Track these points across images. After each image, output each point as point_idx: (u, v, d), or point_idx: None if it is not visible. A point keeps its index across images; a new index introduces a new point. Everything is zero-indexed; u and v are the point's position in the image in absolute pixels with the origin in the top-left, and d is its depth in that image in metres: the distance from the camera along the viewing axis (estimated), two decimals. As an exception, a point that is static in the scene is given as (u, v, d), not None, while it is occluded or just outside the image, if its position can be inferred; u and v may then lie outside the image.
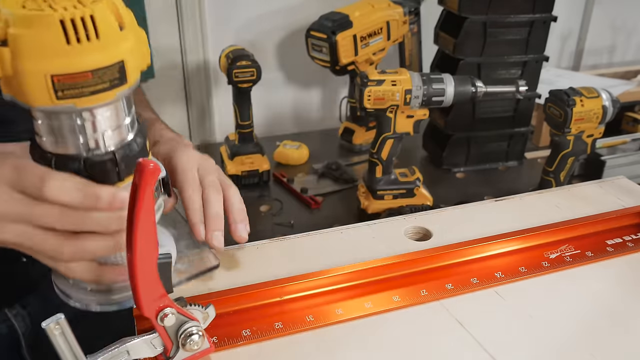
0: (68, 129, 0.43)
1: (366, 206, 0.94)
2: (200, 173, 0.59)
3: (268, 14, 1.32)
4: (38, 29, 0.37)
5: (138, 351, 0.44)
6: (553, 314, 0.54)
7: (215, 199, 0.57)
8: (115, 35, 0.40)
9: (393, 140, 0.89)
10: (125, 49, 0.41)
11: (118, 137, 0.45)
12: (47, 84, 0.38)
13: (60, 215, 0.44)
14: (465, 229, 0.66)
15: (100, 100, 0.41)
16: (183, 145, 0.64)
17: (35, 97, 0.39)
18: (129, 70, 0.42)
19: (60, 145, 0.43)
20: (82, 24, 0.38)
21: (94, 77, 0.39)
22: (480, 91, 0.86)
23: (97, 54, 0.39)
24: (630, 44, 1.74)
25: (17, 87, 0.39)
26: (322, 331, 0.51)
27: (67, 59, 0.38)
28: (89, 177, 0.44)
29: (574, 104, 0.85)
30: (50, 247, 0.45)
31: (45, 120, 0.43)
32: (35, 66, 0.38)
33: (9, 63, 0.38)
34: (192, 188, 0.57)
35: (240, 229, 0.59)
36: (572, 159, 0.90)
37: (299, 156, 1.18)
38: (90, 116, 0.42)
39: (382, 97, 0.84)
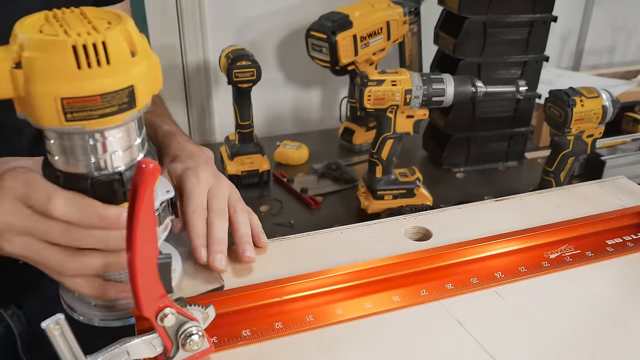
0: (77, 149, 0.44)
1: (366, 206, 0.94)
2: (210, 196, 0.60)
3: (268, 14, 1.32)
4: (50, 53, 0.39)
5: (138, 351, 0.44)
6: (553, 314, 0.54)
7: (218, 224, 0.58)
8: (126, 61, 0.41)
9: (393, 140, 0.89)
10: (136, 74, 0.42)
11: (128, 157, 0.46)
12: (57, 106, 0.40)
13: (65, 231, 0.45)
14: (465, 229, 0.66)
15: (109, 123, 0.42)
16: (202, 162, 0.65)
17: (46, 118, 0.40)
18: (139, 94, 0.43)
19: (71, 164, 0.45)
20: (93, 50, 0.39)
21: (102, 100, 0.40)
22: (480, 91, 0.86)
23: (106, 79, 0.40)
24: (630, 44, 1.74)
25: (29, 108, 0.41)
26: (322, 331, 0.51)
27: (77, 82, 0.39)
28: (95, 196, 0.45)
29: (574, 104, 0.85)
30: (54, 261, 0.46)
31: (57, 140, 0.44)
32: (46, 89, 0.39)
33: (22, 85, 0.40)
34: (196, 213, 0.58)
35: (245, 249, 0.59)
36: (572, 159, 0.90)
37: (299, 156, 1.18)
38: (100, 137, 0.44)
39: (382, 97, 0.84)
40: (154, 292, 0.42)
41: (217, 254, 0.56)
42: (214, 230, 0.58)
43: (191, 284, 0.56)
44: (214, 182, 0.62)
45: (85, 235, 0.46)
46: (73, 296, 0.52)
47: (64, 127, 0.41)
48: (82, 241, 0.46)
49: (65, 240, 0.46)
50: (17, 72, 0.39)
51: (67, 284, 0.48)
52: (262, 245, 0.63)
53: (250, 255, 0.59)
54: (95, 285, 0.49)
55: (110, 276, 0.50)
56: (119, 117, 0.42)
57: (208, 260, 0.56)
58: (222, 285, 0.56)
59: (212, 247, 0.57)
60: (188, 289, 0.55)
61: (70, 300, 0.52)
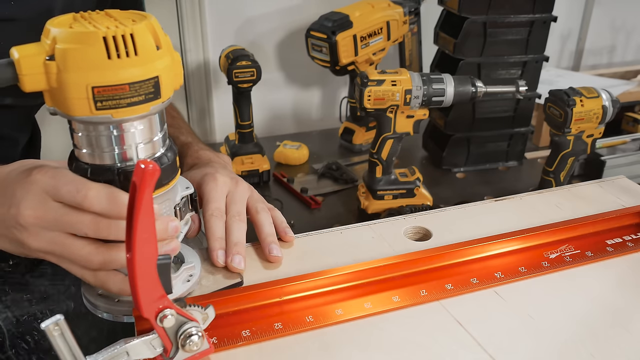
0: (105, 140, 0.46)
1: (366, 206, 0.94)
2: (228, 200, 0.62)
3: (268, 14, 1.32)
4: (83, 44, 0.41)
5: (138, 352, 0.44)
6: (553, 314, 0.54)
7: (237, 227, 0.60)
8: (152, 53, 0.44)
9: (393, 140, 0.89)
10: (161, 67, 0.44)
11: (150, 150, 0.48)
12: (88, 95, 0.42)
13: (93, 223, 0.46)
14: (465, 229, 0.66)
15: (136, 112, 0.44)
16: (219, 168, 0.66)
17: (77, 108, 0.43)
18: (163, 86, 0.45)
19: (97, 156, 0.47)
20: (122, 41, 0.42)
21: (130, 89, 0.43)
22: (480, 91, 0.86)
23: (134, 69, 0.43)
24: (630, 44, 1.74)
25: (60, 99, 0.43)
26: (322, 331, 0.51)
27: (107, 72, 0.42)
28: (121, 187, 0.46)
29: (574, 104, 0.85)
30: (81, 255, 0.47)
31: (84, 132, 0.46)
32: (78, 78, 0.42)
33: (55, 76, 0.42)
34: (214, 216, 0.60)
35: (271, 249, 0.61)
36: (572, 159, 0.90)
37: (299, 156, 1.18)
38: (126, 128, 0.46)
39: (382, 97, 0.84)
40: (153, 293, 0.42)
41: (235, 256, 0.58)
42: (232, 233, 0.59)
43: (212, 279, 0.57)
44: (232, 185, 0.64)
45: (113, 226, 0.46)
46: (96, 293, 0.53)
47: (93, 116, 0.43)
48: (110, 232, 0.46)
49: (94, 232, 0.46)
50: (51, 63, 0.42)
51: (91, 279, 0.49)
52: (288, 239, 0.64)
53: (277, 254, 0.60)
54: (119, 280, 0.49)
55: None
56: (145, 107, 0.44)
57: (226, 262, 0.58)
58: (241, 280, 0.57)
59: (230, 249, 0.58)
60: (209, 284, 0.56)
61: (93, 297, 0.53)
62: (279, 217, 0.66)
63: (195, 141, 0.80)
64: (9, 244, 0.49)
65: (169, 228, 0.48)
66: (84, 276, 0.49)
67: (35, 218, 0.46)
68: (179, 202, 0.52)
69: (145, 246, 0.39)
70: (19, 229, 0.47)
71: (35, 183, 0.47)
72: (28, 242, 0.47)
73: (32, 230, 0.47)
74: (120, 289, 0.49)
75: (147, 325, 0.44)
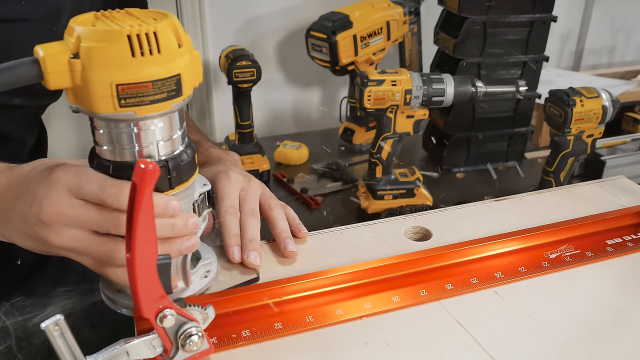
0: (126, 138, 0.46)
1: (366, 206, 0.94)
2: (241, 197, 0.63)
3: (268, 14, 1.32)
4: (107, 42, 0.42)
5: (138, 352, 0.44)
6: (553, 314, 0.54)
7: (251, 224, 0.61)
8: (174, 51, 0.44)
9: (393, 140, 0.89)
10: (182, 64, 0.45)
11: (170, 147, 0.49)
12: (112, 92, 0.42)
13: (115, 220, 0.46)
14: (465, 229, 0.66)
15: (158, 109, 0.45)
16: (231, 165, 0.67)
17: (100, 105, 0.43)
18: (184, 84, 0.46)
19: (118, 153, 0.47)
20: (146, 39, 0.42)
21: (153, 87, 0.43)
22: (480, 91, 0.86)
23: (157, 67, 0.43)
24: (630, 44, 1.74)
25: (84, 96, 0.43)
26: (322, 331, 0.51)
27: (131, 69, 0.42)
28: None
29: (574, 104, 0.85)
30: (104, 251, 0.47)
31: (106, 130, 0.46)
32: (102, 75, 0.42)
33: (80, 74, 0.42)
34: (228, 213, 0.61)
35: (286, 244, 0.62)
36: (572, 159, 0.90)
37: (299, 156, 1.18)
38: (148, 125, 0.46)
39: (382, 97, 0.84)
40: (153, 293, 0.42)
41: (251, 252, 0.59)
42: (247, 230, 0.60)
43: (228, 275, 0.58)
44: (245, 183, 0.65)
45: None
46: (114, 289, 0.53)
47: (117, 113, 0.43)
48: None
49: (115, 229, 0.47)
50: (75, 61, 0.42)
51: (112, 276, 0.49)
52: (302, 235, 0.65)
53: (292, 249, 0.62)
54: None
55: None
56: (167, 104, 0.45)
57: (242, 258, 0.59)
58: (257, 276, 0.58)
59: (246, 246, 0.59)
60: (226, 280, 0.57)
61: (111, 293, 0.53)
62: (291, 213, 0.67)
63: (204, 139, 0.80)
64: (30, 241, 0.49)
65: (189, 224, 0.49)
66: (105, 273, 0.49)
67: (58, 215, 0.46)
68: (197, 198, 0.52)
69: (145, 246, 0.39)
70: (41, 227, 0.47)
71: (57, 181, 0.47)
72: (50, 239, 0.47)
73: (54, 227, 0.47)
74: None
75: (147, 325, 0.44)
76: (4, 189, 0.50)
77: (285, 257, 0.62)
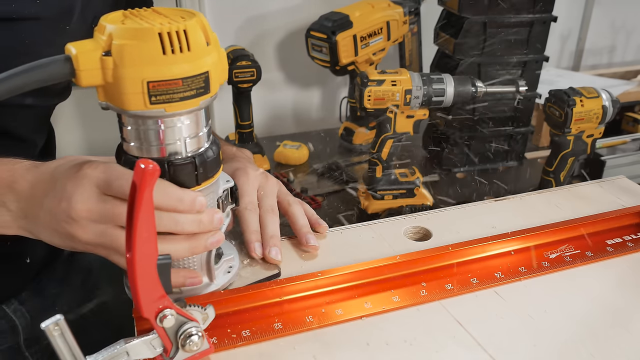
0: (155, 134, 0.47)
1: (366, 206, 0.94)
2: (260, 194, 0.64)
3: (268, 14, 1.32)
4: (139, 40, 0.42)
5: (137, 352, 0.44)
6: (553, 314, 0.54)
7: (271, 220, 0.62)
8: (202, 49, 0.45)
9: (393, 140, 0.89)
10: (210, 62, 0.46)
11: (197, 144, 0.49)
12: (143, 90, 0.43)
13: None
14: (465, 229, 0.66)
15: (187, 106, 0.45)
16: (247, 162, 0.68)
17: (131, 102, 0.44)
18: (212, 81, 0.46)
19: (148, 149, 0.48)
20: (176, 37, 0.43)
21: (183, 84, 0.44)
22: (480, 91, 0.86)
23: (187, 64, 0.44)
24: (630, 44, 1.74)
25: (115, 93, 0.44)
26: (322, 331, 0.51)
27: (161, 67, 0.43)
28: (170, 180, 0.48)
29: (574, 104, 0.85)
30: None
31: (134, 126, 0.47)
32: (134, 73, 0.43)
33: (111, 71, 0.43)
34: (248, 210, 0.62)
35: (308, 239, 0.63)
36: (572, 159, 0.90)
37: (299, 156, 1.18)
38: (177, 122, 0.47)
39: (382, 97, 0.84)
40: (153, 293, 0.42)
41: (272, 248, 0.60)
42: (267, 226, 0.61)
43: (250, 270, 0.59)
44: (263, 180, 0.65)
45: (164, 218, 0.47)
46: None
47: (147, 110, 0.44)
48: (159, 224, 0.47)
49: None
50: (107, 59, 0.43)
51: None
52: (322, 229, 0.66)
53: (314, 243, 0.62)
54: None
55: (177, 263, 0.52)
56: (195, 101, 0.45)
57: (264, 254, 0.60)
58: (279, 272, 0.59)
59: (267, 242, 0.60)
60: (248, 275, 0.58)
61: None
62: (309, 209, 0.68)
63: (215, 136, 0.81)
64: (58, 237, 0.50)
65: (214, 220, 0.50)
66: None
67: (87, 211, 0.47)
68: (221, 194, 0.53)
69: (145, 246, 0.39)
70: (70, 223, 0.47)
71: (86, 177, 0.47)
72: (78, 235, 0.48)
73: (82, 223, 0.47)
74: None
75: (147, 325, 0.44)
76: (31, 186, 0.51)
77: (307, 251, 0.63)
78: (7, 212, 0.51)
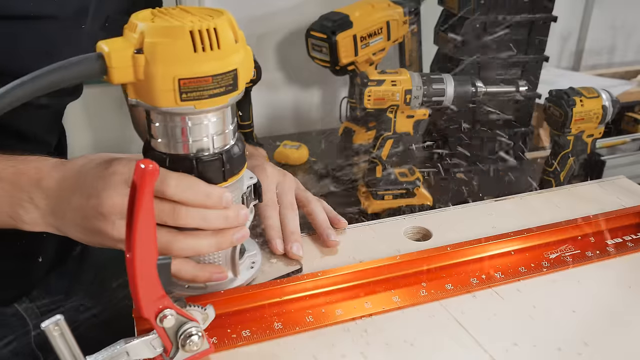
0: (184, 131, 0.47)
1: (366, 206, 0.94)
2: (278, 192, 0.65)
3: (268, 14, 1.32)
4: (171, 38, 0.43)
5: (138, 352, 0.44)
6: (553, 314, 0.54)
7: (291, 217, 0.63)
8: (231, 47, 0.46)
9: (393, 140, 0.89)
10: (238, 60, 0.46)
11: (223, 140, 0.50)
12: (175, 87, 0.44)
13: (173, 211, 0.47)
14: (465, 229, 0.66)
15: (216, 103, 0.46)
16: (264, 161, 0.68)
17: (162, 99, 0.44)
18: (240, 79, 0.47)
19: (176, 146, 0.48)
20: (207, 35, 0.44)
21: (213, 81, 0.45)
22: (480, 91, 0.86)
23: (217, 62, 0.44)
24: (630, 44, 1.74)
25: (146, 91, 0.44)
26: (322, 331, 0.51)
27: (192, 64, 0.44)
28: (198, 176, 0.48)
29: (574, 104, 0.85)
30: (161, 242, 0.48)
31: (163, 123, 0.48)
32: (166, 70, 0.43)
33: (143, 68, 0.43)
34: (268, 206, 0.62)
35: (329, 235, 0.63)
36: (572, 159, 0.90)
37: (299, 156, 1.18)
38: (204, 119, 0.47)
39: (382, 97, 0.84)
40: (153, 293, 0.42)
41: (293, 244, 0.60)
42: (288, 222, 0.62)
43: (272, 266, 0.60)
44: (281, 177, 0.66)
45: (192, 214, 0.48)
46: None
47: (178, 107, 0.45)
48: (188, 220, 0.48)
49: (173, 220, 0.47)
50: (139, 56, 0.43)
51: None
52: (341, 225, 0.67)
53: (335, 239, 0.63)
54: (191, 268, 0.51)
55: (203, 259, 0.53)
56: (224, 98, 0.46)
57: (285, 249, 0.61)
58: (301, 267, 0.59)
59: (287, 238, 0.61)
60: (271, 271, 0.59)
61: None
62: (327, 206, 0.68)
63: None
64: (86, 234, 0.50)
65: (240, 215, 0.50)
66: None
67: (116, 207, 0.47)
68: (245, 191, 0.53)
69: (145, 246, 0.39)
70: (100, 219, 0.48)
71: (116, 174, 0.48)
72: (108, 231, 0.48)
73: (112, 219, 0.48)
74: (193, 276, 0.51)
75: (147, 325, 0.44)
76: (59, 184, 0.51)
77: (328, 247, 0.63)
78: (36, 209, 0.51)
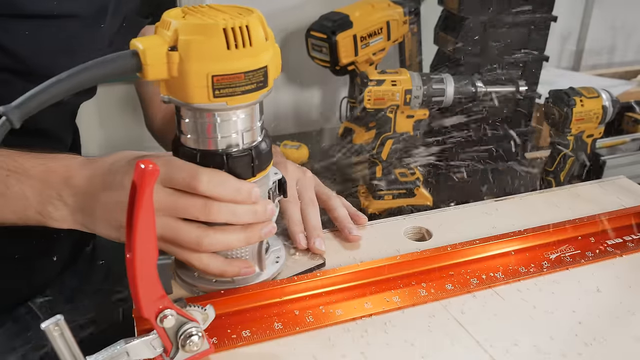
0: (215, 127, 0.48)
1: (366, 206, 0.94)
2: (299, 188, 0.65)
3: (268, 14, 1.30)
4: (205, 35, 0.44)
5: (138, 352, 0.44)
6: (553, 315, 0.54)
7: (312, 212, 0.64)
8: (262, 44, 0.47)
9: (393, 140, 0.89)
10: (268, 57, 0.47)
11: (252, 137, 0.51)
12: (208, 83, 0.44)
13: (204, 206, 0.48)
14: (465, 229, 0.66)
15: (247, 100, 0.47)
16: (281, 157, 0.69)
17: (196, 96, 0.45)
18: (270, 75, 0.48)
19: (205, 142, 0.49)
20: (239, 33, 0.44)
21: (245, 78, 0.46)
22: (480, 91, 0.86)
23: (249, 59, 0.45)
24: (630, 44, 1.74)
25: (179, 87, 0.45)
26: (322, 331, 0.51)
27: (226, 61, 0.44)
28: (228, 171, 0.49)
29: (574, 104, 0.85)
30: (192, 238, 0.49)
31: (193, 119, 0.48)
32: (200, 67, 0.44)
33: (177, 65, 0.44)
34: (290, 202, 0.63)
35: (350, 229, 0.64)
36: (572, 159, 0.90)
37: (299, 156, 1.18)
38: (234, 115, 0.48)
39: (382, 97, 0.84)
40: (153, 293, 0.42)
41: (316, 239, 0.61)
42: (309, 218, 0.63)
43: (296, 261, 0.61)
44: (301, 174, 0.67)
45: (223, 209, 0.48)
46: (192, 275, 0.55)
47: (210, 103, 0.45)
48: (219, 215, 0.48)
49: (205, 215, 0.48)
50: (173, 54, 0.44)
51: (196, 262, 0.51)
52: (362, 221, 0.67)
53: (356, 233, 0.64)
54: (220, 263, 0.51)
55: (230, 254, 0.53)
56: (255, 95, 0.47)
57: (308, 245, 0.61)
58: (324, 262, 0.60)
59: (310, 233, 0.62)
60: (295, 265, 0.60)
61: (190, 279, 0.55)
62: (346, 202, 0.69)
63: None
64: (115, 230, 0.50)
65: (267, 210, 0.51)
66: (190, 259, 0.51)
67: None
68: (271, 186, 0.54)
69: (145, 246, 0.39)
70: None
71: None
72: None
73: None
74: (222, 271, 0.52)
75: (147, 325, 0.44)
76: (88, 181, 0.51)
77: (350, 241, 0.64)
78: (64, 206, 0.52)
